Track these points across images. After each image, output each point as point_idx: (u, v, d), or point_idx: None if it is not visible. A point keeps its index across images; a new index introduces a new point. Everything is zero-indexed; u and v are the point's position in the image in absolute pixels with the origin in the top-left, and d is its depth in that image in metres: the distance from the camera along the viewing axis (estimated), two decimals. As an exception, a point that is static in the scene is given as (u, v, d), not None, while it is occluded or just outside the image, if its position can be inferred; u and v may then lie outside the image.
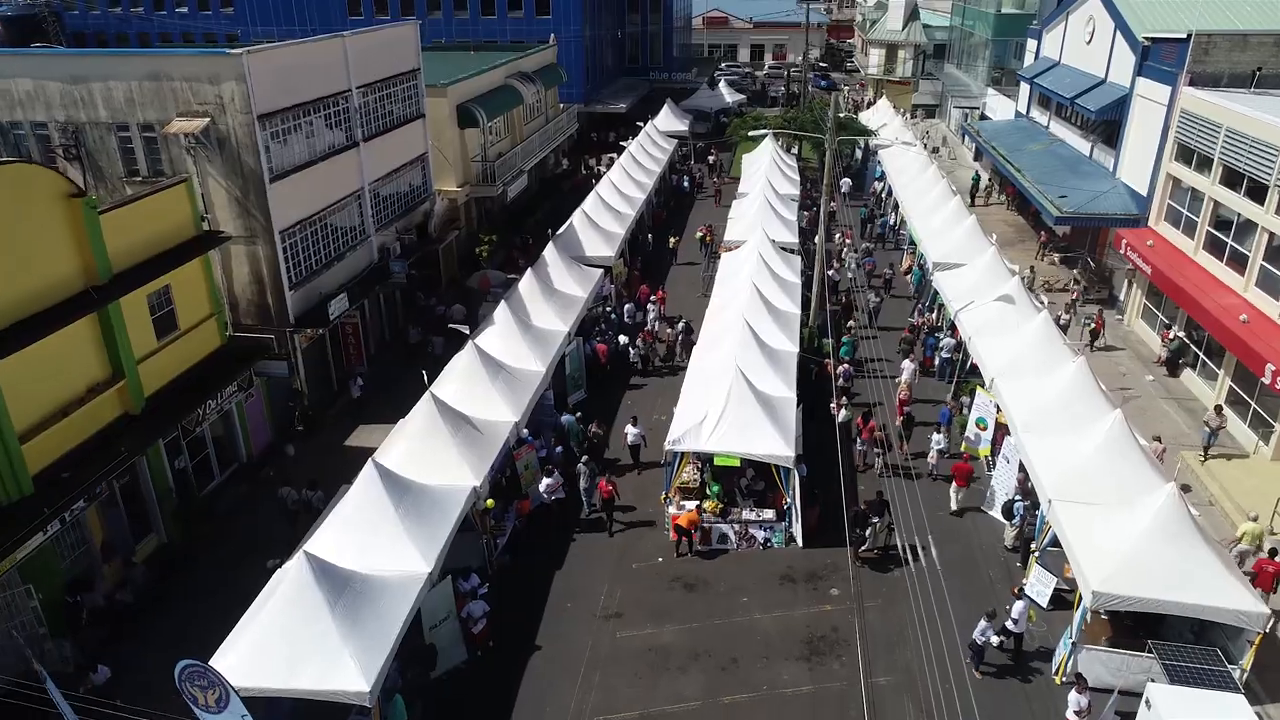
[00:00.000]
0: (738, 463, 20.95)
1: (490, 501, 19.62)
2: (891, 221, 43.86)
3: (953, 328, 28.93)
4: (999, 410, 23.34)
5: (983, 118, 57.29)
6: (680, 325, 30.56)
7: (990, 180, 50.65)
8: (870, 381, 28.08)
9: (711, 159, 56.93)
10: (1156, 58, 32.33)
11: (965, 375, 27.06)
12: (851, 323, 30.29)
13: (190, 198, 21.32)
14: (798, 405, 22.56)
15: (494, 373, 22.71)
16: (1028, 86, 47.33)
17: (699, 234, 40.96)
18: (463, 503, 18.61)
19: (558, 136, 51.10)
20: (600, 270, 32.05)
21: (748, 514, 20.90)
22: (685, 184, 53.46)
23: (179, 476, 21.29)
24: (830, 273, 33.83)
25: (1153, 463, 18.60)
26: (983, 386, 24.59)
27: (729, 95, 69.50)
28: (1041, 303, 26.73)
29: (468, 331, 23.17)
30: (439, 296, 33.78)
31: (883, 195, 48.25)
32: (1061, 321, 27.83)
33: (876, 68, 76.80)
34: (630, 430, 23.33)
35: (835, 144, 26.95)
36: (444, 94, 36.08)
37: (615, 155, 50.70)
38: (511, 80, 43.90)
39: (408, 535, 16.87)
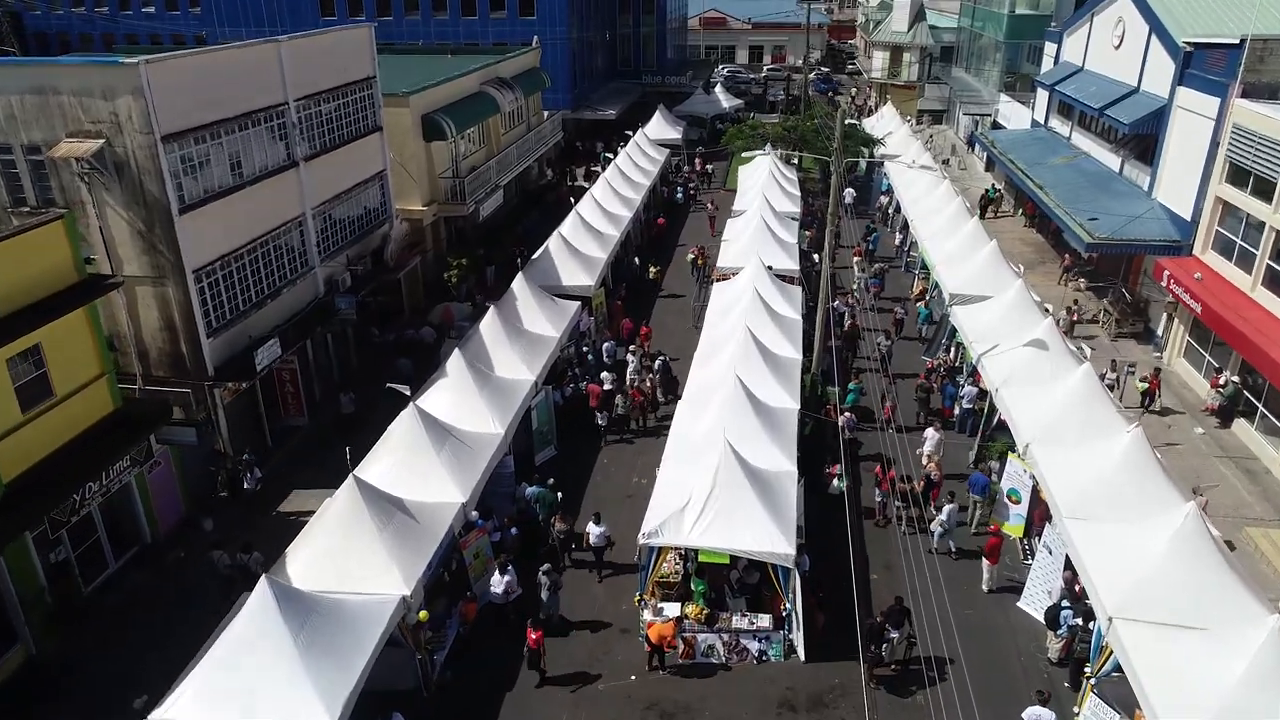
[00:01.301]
0: (727, 560, 17.41)
1: (424, 614, 16.08)
2: (898, 241, 40.26)
3: (974, 372, 25.50)
4: (1035, 483, 19.88)
5: (995, 125, 53.78)
6: (659, 363, 27.24)
7: (1002, 191, 47.18)
8: (882, 436, 24.55)
9: (700, 168, 53.36)
10: (1201, 65, 28.79)
11: (992, 431, 23.56)
12: (888, 390, 26.11)
13: (69, 237, 17.75)
14: (799, 480, 19.06)
15: (439, 441, 19.15)
16: (1046, 94, 43.81)
17: (690, 256, 37.47)
18: (386, 620, 15.06)
19: (540, 147, 47.51)
20: (577, 304, 28.48)
21: (739, 620, 17.33)
22: (679, 195, 49.93)
23: (56, 569, 17.75)
24: (835, 304, 30.20)
25: (1243, 577, 15.01)
26: (1014, 451, 21.07)
27: (725, 100, 65.95)
28: (1083, 352, 23.11)
29: (408, 392, 19.59)
30: (399, 330, 30.22)
31: (890, 210, 44.73)
32: (1107, 380, 24.07)
33: (880, 71, 73.25)
34: (593, 529, 19.39)
35: (843, 167, 23.38)
36: (406, 104, 32.54)
37: (600, 168, 47.18)
38: (487, 87, 40.35)
39: (307, 676, 13.30)
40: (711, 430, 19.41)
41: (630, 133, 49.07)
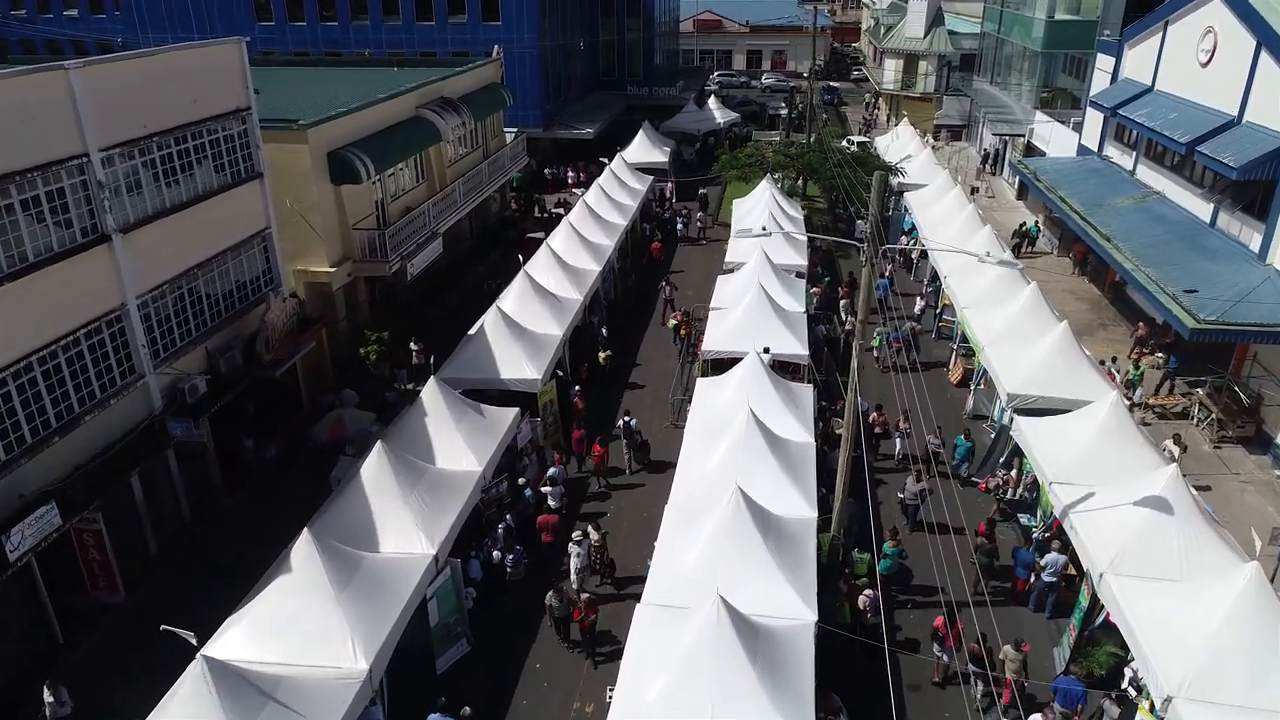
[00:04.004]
0: None
1: None
2: (920, 306, 32.61)
3: (1052, 521, 18.43)
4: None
5: (1029, 149, 46.61)
6: (622, 424, 22.88)
7: (1042, 229, 40.03)
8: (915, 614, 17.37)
9: (670, 190, 46.23)
10: (1344, 94, 21.68)
11: (1094, 630, 16.36)
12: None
13: None
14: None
15: (247, 713, 11.93)
16: (1101, 116, 36.60)
17: (673, 322, 30.32)
18: None
19: (499, 177, 40.26)
20: (513, 412, 21.23)
21: None
22: (679, 226, 42.64)
23: None
24: (864, 403, 22.56)
25: None
26: (1140, 693, 13.96)
27: (719, 114, 58.70)
28: (1254, 546, 15.80)
29: (193, 640, 12.36)
30: (279, 442, 23.03)
31: (914, 256, 37.45)
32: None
33: (893, 81, 66.00)
34: None
35: (880, 255, 16.19)
36: (303, 139, 25.29)
37: (564, 202, 39.83)
38: (426, 110, 33.11)
39: None
40: (687, 676, 12.26)
41: (605, 159, 41.76)
